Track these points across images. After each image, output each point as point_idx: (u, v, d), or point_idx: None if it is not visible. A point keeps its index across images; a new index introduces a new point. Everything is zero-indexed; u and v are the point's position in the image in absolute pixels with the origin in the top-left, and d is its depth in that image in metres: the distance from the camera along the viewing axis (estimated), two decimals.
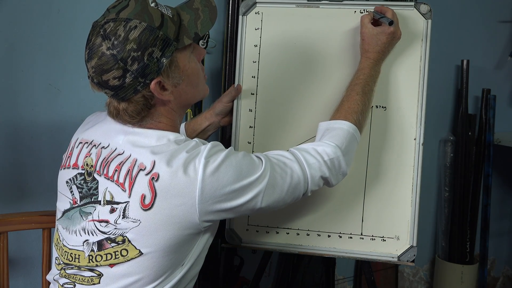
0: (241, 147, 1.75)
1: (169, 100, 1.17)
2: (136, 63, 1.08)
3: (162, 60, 1.10)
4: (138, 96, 1.13)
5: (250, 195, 1.16)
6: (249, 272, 2.08)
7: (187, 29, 1.15)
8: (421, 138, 1.66)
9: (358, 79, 1.48)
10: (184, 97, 1.20)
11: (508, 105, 2.81)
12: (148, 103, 1.15)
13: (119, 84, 1.10)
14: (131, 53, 1.07)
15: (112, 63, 1.08)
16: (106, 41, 1.08)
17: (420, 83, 1.66)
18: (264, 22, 1.74)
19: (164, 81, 1.13)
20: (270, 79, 1.73)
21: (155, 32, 1.08)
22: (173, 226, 1.11)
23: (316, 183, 1.31)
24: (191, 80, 1.20)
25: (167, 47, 1.11)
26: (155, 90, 1.12)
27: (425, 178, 1.73)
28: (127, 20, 1.08)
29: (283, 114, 1.73)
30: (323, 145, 1.33)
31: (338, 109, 1.45)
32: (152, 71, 1.10)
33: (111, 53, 1.07)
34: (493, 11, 2.70)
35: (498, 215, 2.84)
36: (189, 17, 1.16)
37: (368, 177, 1.69)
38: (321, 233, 1.70)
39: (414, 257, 1.66)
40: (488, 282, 2.87)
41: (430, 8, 1.66)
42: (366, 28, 1.51)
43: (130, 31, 1.07)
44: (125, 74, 1.09)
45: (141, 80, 1.10)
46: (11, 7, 1.72)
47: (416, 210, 1.66)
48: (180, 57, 1.16)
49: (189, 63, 1.19)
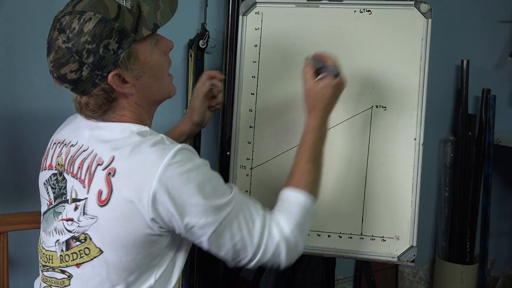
0: (241, 147, 1.75)
1: (131, 94, 1.14)
2: (92, 55, 1.06)
3: (119, 52, 1.08)
4: (97, 89, 1.10)
5: (205, 219, 1.08)
6: (249, 272, 2.08)
7: (146, 20, 1.11)
8: (421, 138, 1.66)
9: (308, 143, 1.34)
10: (147, 90, 1.16)
11: (508, 105, 2.81)
12: (109, 96, 1.12)
13: (77, 77, 1.08)
14: (86, 45, 1.06)
15: (68, 56, 1.07)
16: (62, 35, 1.07)
17: (420, 83, 1.66)
18: (264, 22, 1.73)
19: (123, 73, 1.10)
20: (270, 79, 1.73)
21: (110, 24, 1.06)
22: (127, 223, 1.06)
23: (265, 256, 1.17)
24: (154, 73, 1.16)
25: (124, 38, 1.08)
26: (113, 82, 1.10)
27: (425, 178, 1.73)
28: (82, 12, 1.06)
29: (283, 114, 1.73)
30: (283, 219, 1.22)
31: (292, 178, 1.32)
32: (109, 63, 1.08)
33: (66, 46, 1.06)
34: (493, 11, 2.70)
35: (498, 215, 2.84)
36: (149, 8, 1.13)
37: (368, 177, 1.68)
38: (321, 233, 1.70)
39: (414, 257, 1.66)
40: (488, 282, 2.87)
41: (431, 7, 1.66)
42: (309, 84, 1.37)
43: (85, 24, 1.05)
44: (81, 67, 1.07)
45: (98, 73, 1.08)
46: (11, 7, 1.72)
47: (416, 210, 1.66)
48: (141, 48, 1.12)
49: (151, 55, 1.14)
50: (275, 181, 1.74)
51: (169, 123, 1.99)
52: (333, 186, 1.70)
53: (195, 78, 1.92)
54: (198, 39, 1.92)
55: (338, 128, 1.70)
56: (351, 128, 1.70)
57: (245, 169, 1.75)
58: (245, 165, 1.75)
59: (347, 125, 1.70)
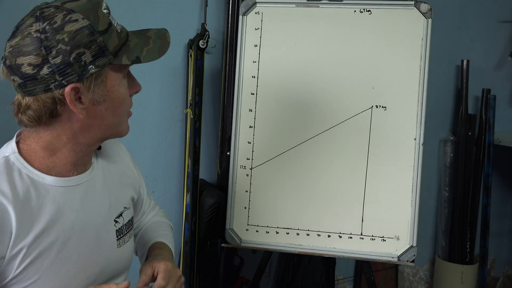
0: (241, 147, 1.75)
1: (78, 119, 1.01)
2: (61, 57, 0.95)
3: (89, 67, 0.98)
4: (47, 95, 0.98)
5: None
6: (249, 272, 2.08)
7: (131, 50, 1.04)
8: (421, 138, 1.66)
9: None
10: (98, 121, 1.04)
11: (508, 105, 2.81)
12: (55, 109, 0.99)
13: (32, 73, 0.96)
14: (60, 44, 0.95)
15: (34, 47, 0.95)
16: (38, 23, 0.96)
17: (420, 83, 1.66)
18: (264, 22, 1.73)
19: (82, 91, 0.98)
20: (270, 79, 1.73)
21: (94, 35, 0.98)
22: None
23: None
24: (114, 106, 1.05)
25: (101, 56, 0.99)
26: (68, 95, 0.97)
27: (425, 178, 1.73)
28: (70, 11, 0.97)
29: (283, 114, 1.73)
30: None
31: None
32: (74, 73, 0.97)
33: (37, 36, 0.96)
34: (493, 11, 2.70)
35: (498, 215, 2.84)
36: (137, 41, 1.05)
37: (368, 177, 1.69)
38: (321, 233, 1.70)
39: (414, 257, 1.66)
40: (488, 282, 2.86)
41: (431, 7, 1.66)
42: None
43: (69, 23, 0.96)
44: (43, 64, 0.96)
45: (58, 79, 0.97)
46: (11, 7, 1.71)
47: (416, 210, 1.66)
48: (112, 75, 1.02)
49: (118, 87, 1.04)
50: (275, 181, 1.75)
51: (169, 123, 1.99)
52: (333, 186, 1.70)
53: (195, 78, 1.92)
54: (198, 39, 1.92)
55: (338, 128, 1.70)
56: (351, 128, 1.70)
57: (245, 169, 1.75)
58: (245, 165, 1.75)
59: (347, 125, 1.70)
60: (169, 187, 2.03)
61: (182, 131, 2.01)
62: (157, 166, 2.00)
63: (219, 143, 1.99)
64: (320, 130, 1.71)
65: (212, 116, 2.06)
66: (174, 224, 2.03)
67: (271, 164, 1.74)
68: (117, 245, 1.14)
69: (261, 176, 1.74)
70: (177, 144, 2.02)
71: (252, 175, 1.75)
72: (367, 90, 1.69)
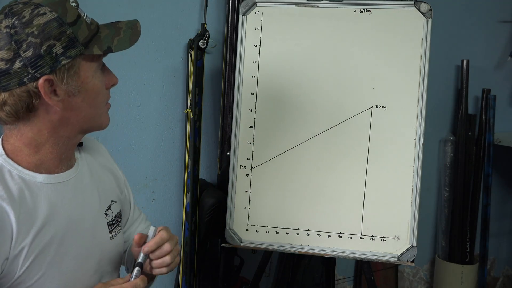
0: (241, 147, 1.75)
1: (56, 112, 1.02)
2: (31, 50, 0.97)
3: (60, 59, 0.99)
4: (22, 89, 0.99)
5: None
6: (249, 272, 2.08)
7: (102, 40, 1.05)
8: (421, 138, 1.66)
9: None
10: (76, 113, 1.05)
11: (508, 105, 2.81)
12: (31, 102, 1.00)
13: (5, 68, 0.98)
14: (30, 37, 0.97)
15: (4, 41, 0.97)
16: (7, 19, 0.98)
17: (420, 83, 1.66)
18: (264, 22, 1.74)
19: (56, 83, 1.00)
20: (270, 79, 1.73)
21: (63, 27, 0.99)
22: None
23: None
24: (89, 97, 1.05)
25: (72, 47, 1.00)
26: (42, 88, 0.99)
27: (425, 178, 1.73)
28: (38, 5, 0.99)
29: (283, 114, 1.73)
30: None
31: None
32: (46, 65, 0.98)
33: (7, 31, 0.97)
34: (493, 11, 2.70)
35: (498, 215, 2.84)
36: (108, 32, 1.07)
37: (368, 177, 1.69)
38: (321, 233, 1.70)
39: (414, 257, 1.66)
40: (488, 282, 2.87)
41: (431, 7, 1.66)
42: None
43: (37, 16, 0.98)
44: (14, 59, 0.97)
45: (31, 72, 0.98)
46: None
47: (416, 210, 1.66)
48: (84, 66, 1.03)
49: (93, 78, 1.05)
50: (275, 181, 1.75)
51: (169, 123, 1.99)
52: (333, 186, 1.71)
53: (195, 78, 1.92)
54: (198, 39, 1.92)
55: (338, 128, 1.70)
56: (351, 128, 1.70)
57: (245, 169, 1.75)
58: (245, 165, 1.75)
59: (347, 125, 1.70)
60: (169, 187, 2.03)
61: (182, 131, 2.01)
62: (157, 166, 2.00)
63: (219, 143, 1.99)
64: (320, 130, 1.71)
65: (212, 116, 2.06)
66: (174, 224, 2.03)
67: (271, 164, 1.74)
68: (110, 237, 1.16)
69: (261, 176, 1.74)
70: (177, 144, 2.02)
71: (252, 175, 1.75)
72: (367, 90, 1.69)
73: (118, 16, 1.10)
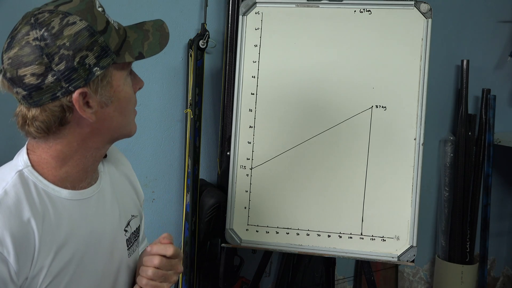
0: (241, 147, 1.75)
1: (88, 124, 0.98)
2: (64, 63, 0.92)
3: (94, 70, 0.94)
4: (55, 104, 0.94)
5: None
6: (249, 272, 2.08)
7: (131, 46, 1.01)
8: (421, 138, 1.66)
9: None
10: (108, 123, 1.01)
11: (508, 105, 2.81)
12: (64, 117, 0.95)
13: (37, 83, 0.92)
14: (62, 50, 0.92)
15: (35, 55, 0.91)
16: (35, 31, 0.92)
17: (420, 83, 1.66)
18: (264, 22, 1.74)
19: (90, 95, 0.95)
20: (270, 79, 1.73)
21: (95, 36, 0.94)
22: None
23: None
24: (121, 106, 1.01)
25: (105, 57, 0.95)
26: (77, 101, 0.94)
27: (425, 178, 1.73)
28: (66, 14, 0.93)
29: (283, 114, 1.73)
30: None
31: None
32: (80, 77, 0.93)
33: (37, 44, 0.91)
34: (493, 11, 2.70)
35: (498, 215, 2.84)
36: (137, 36, 1.02)
37: (368, 177, 1.69)
38: (321, 233, 1.70)
39: (414, 257, 1.66)
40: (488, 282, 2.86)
41: (431, 7, 1.66)
42: None
43: (67, 26, 0.92)
44: (46, 73, 0.92)
45: (64, 85, 0.93)
46: (11, 6, 1.71)
47: (416, 210, 1.66)
48: (116, 74, 0.99)
49: (124, 86, 1.01)
50: (275, 181, 1.75)
51: (169, 123, 1.99)
52: (333, 186, 1.71)
53: (195, 78, 1.92)
54: (198, 39, 1.92)
55: (338, 128, 1.70)
56: (351, 128, 1.70)
57: (245, 169, 1.76)
58: (245, 165, 1.75)
59: (347, 125, 1.70)
60: (169, 187, 2.03)
61: (182, 131, 2.01)
62: (157, 166, 2.00)
63: (219, 143, 1.99)
64: (320, 130, 1.71)
65: (212, 116, 2.06)
66: (174, 224, 2.04)
67: (271, 164, 1.74)
68: (128, 254, 1.12)
69: (261, 176, 1.74)
70: (177, 144, 2.02)
71: (252, 175, 1.75)
72: (367, 90, 1.69)
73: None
